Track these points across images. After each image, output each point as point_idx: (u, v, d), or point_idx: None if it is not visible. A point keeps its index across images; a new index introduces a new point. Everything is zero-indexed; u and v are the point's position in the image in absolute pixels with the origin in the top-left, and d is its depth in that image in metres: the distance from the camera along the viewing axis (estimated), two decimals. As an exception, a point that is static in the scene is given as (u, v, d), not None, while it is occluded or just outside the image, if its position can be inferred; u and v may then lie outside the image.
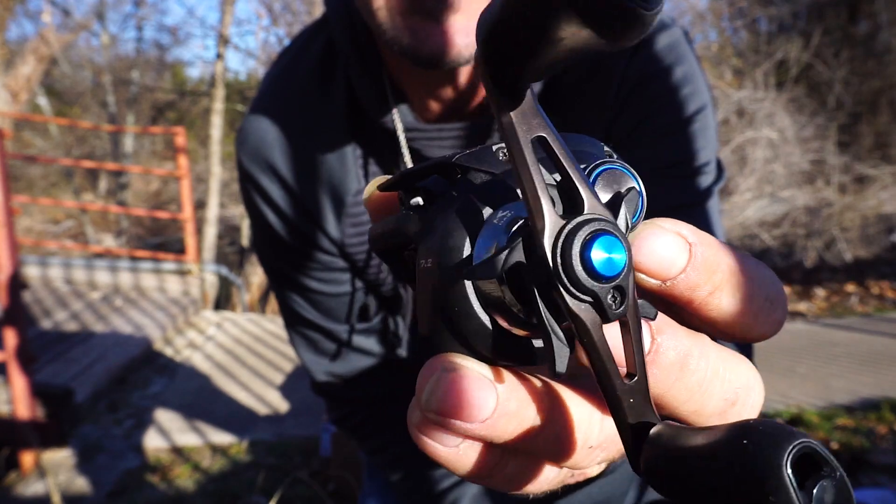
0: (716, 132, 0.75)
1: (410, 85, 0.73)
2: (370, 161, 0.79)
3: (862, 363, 3.62)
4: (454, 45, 0.61)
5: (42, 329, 3.96)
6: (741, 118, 5.71)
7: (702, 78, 0.73)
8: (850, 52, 8.21)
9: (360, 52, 0.73)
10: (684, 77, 0.71)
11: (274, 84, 0.82)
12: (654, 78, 0.71)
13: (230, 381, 3.56)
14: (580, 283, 0.21)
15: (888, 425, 2.78)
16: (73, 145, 11.98)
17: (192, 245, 4.80)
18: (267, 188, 0.80)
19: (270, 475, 2.58)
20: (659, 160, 0.71)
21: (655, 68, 0.71)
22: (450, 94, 0.72)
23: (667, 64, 0.70)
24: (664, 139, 0.71)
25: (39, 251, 8.06)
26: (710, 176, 0.72)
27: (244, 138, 0.82)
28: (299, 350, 0.91)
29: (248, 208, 0.85)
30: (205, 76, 14.72)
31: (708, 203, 0.71)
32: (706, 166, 0.71)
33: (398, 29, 0.61)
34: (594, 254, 0.22)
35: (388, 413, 0.91)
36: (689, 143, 0.70)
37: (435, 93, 0.72)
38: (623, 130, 0.72)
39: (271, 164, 0.79)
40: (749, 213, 5.67)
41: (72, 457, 2.80)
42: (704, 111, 0.72)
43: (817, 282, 5.68)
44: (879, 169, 6.84)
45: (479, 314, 0.24)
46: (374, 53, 0.73)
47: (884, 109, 8.27)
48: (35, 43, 6.53)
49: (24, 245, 7.18)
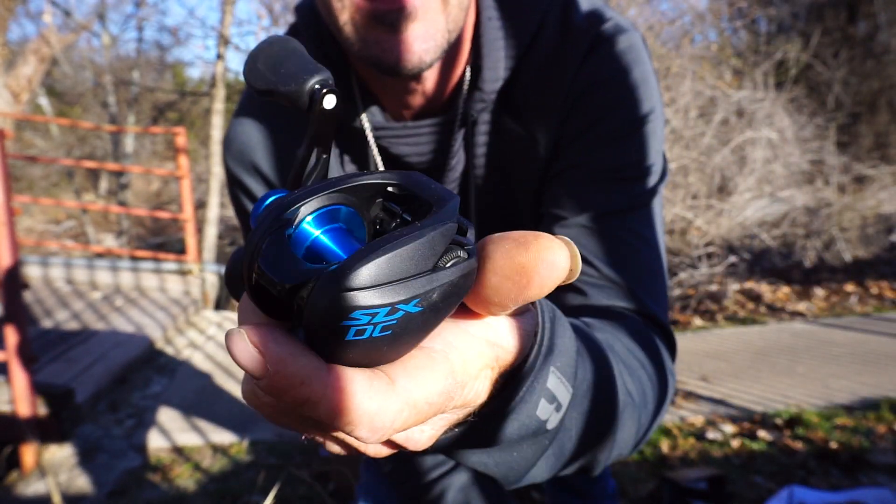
0: (662, 134, 0.78)
1: (380, 89, 0.78)
2: (345, 158, 0.84)
3: (861, 363, 3.62)
4: (415, 52, 0.66)
5: (43, 329, 3.97)
6: (740, 118, 5.71)
7: (652, 82, 0.75)
8: (850, 53, 8.21)
9: (329, 63, 0.78)
10: (633, 82, 0.74)
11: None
12: (602, 83, 0.74)
13: (231, 381, 3.57)
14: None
15: (888, 425, 2.78)
16: (74, 145, 11.99)
17: (192, 245, 4.80)
18: (252, 188, 0.85)
19: (271, 475, 2.59)
20: (604, 164, 0.74)
21: (605, 74, 0.74)
22: (417, 95, 0.76)
23: (616, 69, 0.74)
24: (609, 144, 0.74)
25: (40, 251, 8.08)
26: (654, 177, 0.75)
27: (230, 142, 0.86)
28: None
29: (235, 209, 0.90)
30: (205, 76, 14.73)
31: (650, 205, 0.74)
32: (651, 168, 0.75)
33: (364, 42, 0.66)
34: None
35: None
36: (634, 148, 0.74)
37: (403, 95, 0.77)
38: (571, 134, 0.75)
39: (255, 164, 0.84)
40: (748, 213, 5.67)
41: (72, 456, 2.81)
42: (652, 114, 0.74)
43: (817, 282, 5.68)
44: (878, 169, 6.84)
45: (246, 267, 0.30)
46: (341, 61, 0.78)
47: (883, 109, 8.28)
48: (36, 43, 6.53)
49: (26, 245, 7.19)
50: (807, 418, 2.84)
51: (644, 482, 2.43)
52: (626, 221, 0.72)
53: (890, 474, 2.40)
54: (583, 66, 0.74)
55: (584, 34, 0.74)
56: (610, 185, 0.73)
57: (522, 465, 0.46)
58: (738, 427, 2.84)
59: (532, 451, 0.45)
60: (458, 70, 0.77)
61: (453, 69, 0.76)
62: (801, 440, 2.69)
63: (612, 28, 0.75)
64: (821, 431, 2.74)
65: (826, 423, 2.81)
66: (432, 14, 0.65)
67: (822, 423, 2.82)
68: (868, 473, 2.41)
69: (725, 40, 7.69)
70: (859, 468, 2.44)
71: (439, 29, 0.66)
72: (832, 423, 2.82)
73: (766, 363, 3.68)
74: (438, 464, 0.94)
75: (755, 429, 2.81)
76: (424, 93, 0.76)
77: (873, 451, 2.56)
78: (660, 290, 0.73)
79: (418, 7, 0.63)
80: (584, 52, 0.74)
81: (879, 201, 6.42)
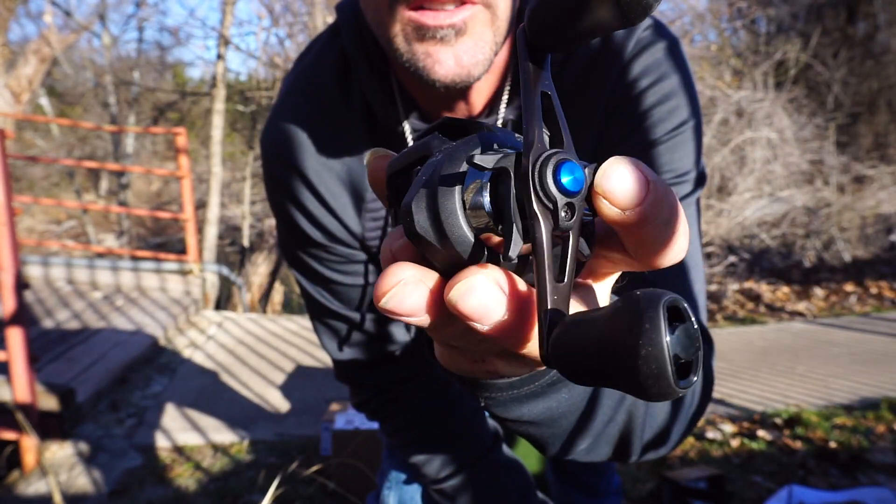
0: (699, 143, 0.80)
1: (422, 97, 0.79)
2: None
3: (861, 363, 3.63)
4: (464, 67, 0.67)
5: (44, 329, 3.98)
6: (740, 118, 5.72)
7: (687, 92, 0.77)
8: (849, 53, 8.22)
9: (371, 66, 0.79)
10: (668, 93, 0.76)
11: (294, 87, 0.86)
12: (638, 96, 0.76)
13: (231, 381, 3.58)
14: (546, 191, 0.27)
15: (887, 424, 2.79)
16: (75, 146, 12.00)
17: (193, 245, 4.81)
18: (292, 187, 0.84)
19: (271, 474, 2.59)
20: None
21: (634, 91, 0.76)
22: (460, 104, 0.78)
23: (645, 86, 0.76)
24: (643, 153, 0.76)
25: (41, 251, 8.08)
26: (687, 185, 0.77)
27: (269, 140, 0.85)
28: (323, 339, 0.96)
29: (273, 207, 0.89)
30: (206, 77, 14.73)
31: (687, 209, 0.76)
32: (684, 176, 0.76)
33: (413, 53, 0.67)
34: (562, 173, 0.28)
35: (406, 396, 0.96)
36: (667, 156, 0.76)
37: (446, 105, 0.78)
38: (608, 145, 0.77)
39: (295, 164, 0.83)
40: (748, 212, 5.68)
41: (73, 456, 2.81)
42: (686, 124, 0.76)
43: (816, 282, 5.69)
44: (878, 169, 6.85)
45: (460, 216, 0.29)
46: (384, 66, 0.79)
47: (882, 110, 8.28)
48: (37, 44, 6.54)
49: (26, 245, 7.19)
50: (806, 418, 2.85)
51: (644, 481, 2.44)
52: None
53: (889, 474, 2.40)
54: (621, 75, 0.76)
55: (617, 52, 0.76)
56: None
57: (577, 406, 0.50)
58: (738, 426, 2.85)
59: (583, 388, 0.48)
60: (499, 77, 0.78)
61: (495, 77, 0.77)
62: (801, 440, 2.69)
63: (650, 36, 0.77)
64: (820, 431, 2.74)
65: (825, 423, 2.81)
66: (481, 28, 0.66)
67: (822, 422, 2.82)
68: (867, 473, 2.41)
69: (725, 40, 7.69)
70: (858, 468, 2.44)
71: (487, 42, 0.67)
72: (831, 422, 2.82)
73: (765, 363, 3.68)
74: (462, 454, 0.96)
75: (755, 428, 2.82)
76: (467, 102, 0.77)
77: (872, 451, 2.56)
78: (697, 292, 0.76)
79: (468, 22, 0.65)
80: (623, 61, 0.76)
81: (879, 201, 6.42)
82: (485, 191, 0.29)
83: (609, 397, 0.55)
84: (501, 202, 0.29)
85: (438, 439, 0.96)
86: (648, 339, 0.23)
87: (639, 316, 0.24)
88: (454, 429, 0.96)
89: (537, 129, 0.29)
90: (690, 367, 0.25)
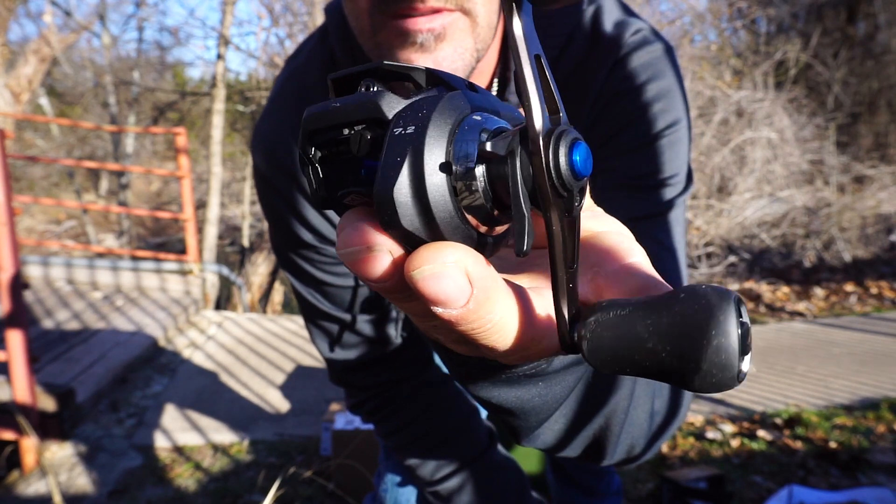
0: (688, 145, 0.79)
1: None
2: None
3: (861, 363, 3.63)
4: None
5: (43, 329, 3.98)
6: (740, 118, 5.72)
7: (678, 94, 0.77)
8: (849, 53, 8.22)
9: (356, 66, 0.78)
10: (658, 94, 0.75)
11: (284, 89, 0.86)
12: (627, 94, 0.75)
13: (231, 381, 3.57)
14: (563, 178, 0.26)
15: (887, 425, 2.79)
16: (75, 146, 12.00)
17: (193, 245, 4.81)
18: (281, 187, 0.84)
19: (271, 475, 2.59)
20: (625, 173, 0.76)
21: (630, 85, 0.75)
22: None
23: (642, 81, 0.75)
24: (632, 153, 0.76)
25: (41, 251, 8.08)
26: (676, 187, 0.77)
27: (258, 140, 0.86)
28: (317, 341, 0.96)
29: (264, 207, 0.89)
30: (206, 77, 14.73)
31: (670, 213, 0.76)
32: (672, 178, 0.76)
33: (395, 60, 0.67)
34: (575, 154, 0.26)
35: (400, 399, 0.96)
36: (656, 157, 0.75)
37: None
38: (594, 143, 0.76)
39: (284, 163, 0.83)
40: (748, 213, 5.68)
41: (73, 456, 2.81)
42: (675, 126, 0.76)
43: (816, 282, 5.69)
44: (878, 169, 6.85)
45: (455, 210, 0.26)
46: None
47: (882, 110, 8.28)
48: (36, 43, 6.54)
49: (26, 245, 7.19)
50: (806, 418, 2.85)
51: (644, 482, 2.44)
52: (646, 228, 0.74)
53: (889, 474, 2.40)
54: (608, 78, 0.76)
55: (610, 47, 0.76)
56: (631, 193, 0.75)
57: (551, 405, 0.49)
58: (738, 426, 2.85)
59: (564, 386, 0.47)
60: (483, 81, 0.77)
61: (482, 83, 0.77)
62: (801, 440, 2.69)
63: (638, 40, 0.76)
64: (820, 431, 2.74)
65: (825, 423, 2.81)
66: (460, 35, 0.66)
67: (822, 422, 2.82)
68: (867, 473, 2.41)
69: (725, 40, 7.69)
70: (859, 468, 2.44)
71: (468, 49, 0.67)
72: (832, 422, 2.82)
73: (765, 363, 3.68)
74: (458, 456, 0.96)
75: (755, 428, 2.81)
76: None
77: (873, 451, 2.56)
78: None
79: (447, 28, 0.65)
80: (609, 64, 0.76)
81: (879, 201, 6.42)
82: (478, 173, 0.26)
83: (589, 399, 0.54)
84: (500, 187, 0.26)
85: (433, 441, 0.96)
86: (722, 329, 0.24)
87: (711, 308, 0.24)
88: (449, 431, 0.96)
89: (537, 101, 0.26)
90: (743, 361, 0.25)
